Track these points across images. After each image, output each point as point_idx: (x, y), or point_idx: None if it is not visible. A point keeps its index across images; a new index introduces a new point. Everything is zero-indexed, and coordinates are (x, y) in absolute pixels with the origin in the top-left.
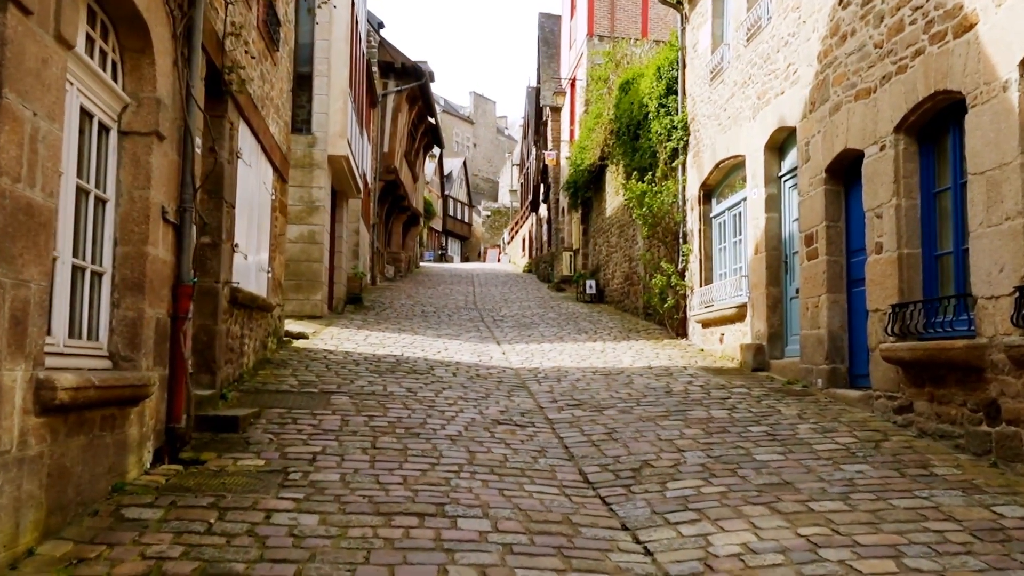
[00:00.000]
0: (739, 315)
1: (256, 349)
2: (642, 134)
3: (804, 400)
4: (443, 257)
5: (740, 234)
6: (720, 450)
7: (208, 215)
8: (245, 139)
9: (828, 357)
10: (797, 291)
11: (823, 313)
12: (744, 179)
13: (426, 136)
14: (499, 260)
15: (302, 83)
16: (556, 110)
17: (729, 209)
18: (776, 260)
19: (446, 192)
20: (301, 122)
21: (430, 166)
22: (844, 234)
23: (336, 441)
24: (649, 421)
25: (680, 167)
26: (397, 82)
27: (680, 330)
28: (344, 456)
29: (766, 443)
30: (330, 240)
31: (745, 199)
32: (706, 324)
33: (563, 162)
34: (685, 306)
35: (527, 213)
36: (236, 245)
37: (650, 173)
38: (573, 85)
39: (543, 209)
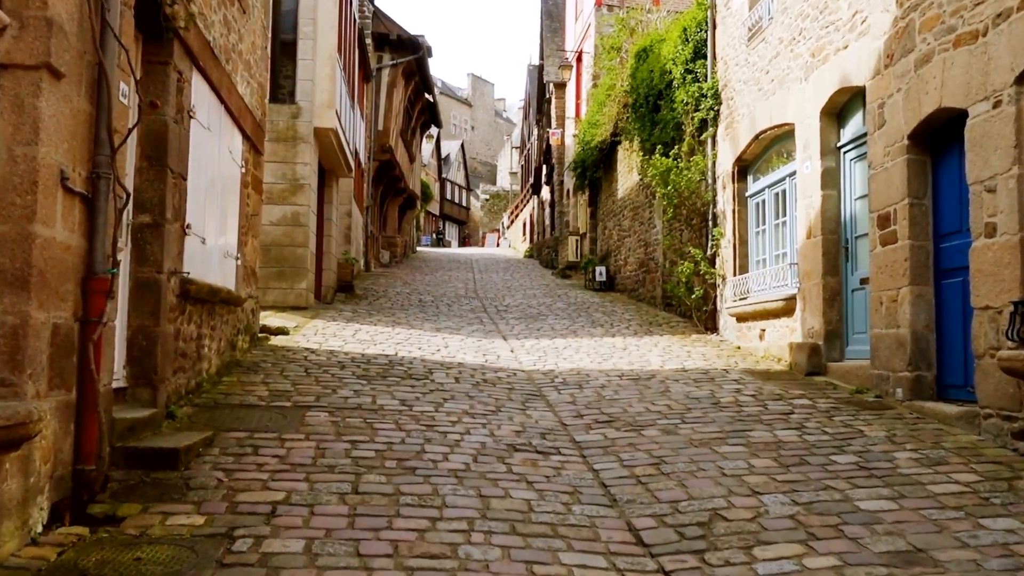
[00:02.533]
0: (785, 309)
1: (221, 350)
2: (664, 105)
3: (885, 416)
4: (440, 242)
5: (784, 215)
6: (807, 492)
7: (147, 187)
8: (202, 96)
9: (911, 363)
10: (862, 282)
11: (904, 309)
12: (791, 152)
13: (423, 114)
14: (498, 245)
15: (285, 51)
16: (560, 87)
17: (770, 187)
18: (834, 245)
19: (443, 175)
20: (284, 92)
21: (427, 148)
22: (931, 213)
23: (306, 482)
24: (703, 446)
25: (710, 140)
26: (392, 55)
27: (709, 324)
28: (314, 507)
29: (863, 481)
30: (317, 223)
31: (792, 175)
32: (741, 318)
33: (568, 141)
34: (715, 297)
35: (528, 196)
36: (188, 226)
37: (676, 147)
38: (579, 59)
39: (545, 192)
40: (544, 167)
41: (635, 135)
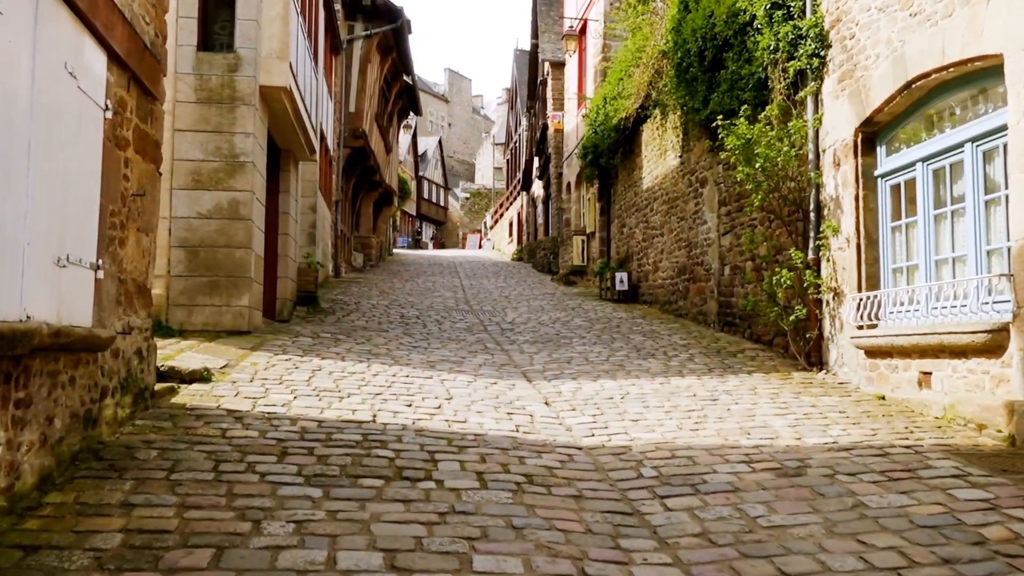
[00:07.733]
0: (986, 345)
1: (53, 441)
2: (730, 58)
3: None
4: (418, 243)
5: (954, 202)
6: None
7: None
8: None
9: None
10: None
11: None
12: (967, 105)
13: (401, 99)
14: (480, 246)
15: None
16: (559, 66)
17: (926, 160)
18: None
19: (420, 173)
20: (220, 42)
21: (403, 142)
22: None
23: None
24: None
25: (810, 100)
26: (366, 25)
27: (814, 355)
28: None
29: None
30: (268, 216)
31: (979, 139)
32: (879, 352)
33: (568, 127)
34: (821, 319)
35: (515, 193)
36: None
37: (765, 110)
38: (583, 31)
39: (537, 187)
40: (536, 159)
41: (673, 108)
